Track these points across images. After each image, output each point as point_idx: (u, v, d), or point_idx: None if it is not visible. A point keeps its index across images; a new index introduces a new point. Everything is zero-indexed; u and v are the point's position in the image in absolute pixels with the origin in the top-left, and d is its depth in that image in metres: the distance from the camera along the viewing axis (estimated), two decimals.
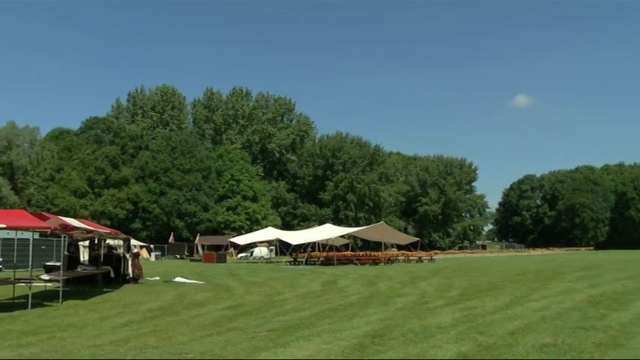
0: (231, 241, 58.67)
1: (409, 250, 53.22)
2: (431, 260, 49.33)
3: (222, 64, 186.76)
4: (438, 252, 69.92)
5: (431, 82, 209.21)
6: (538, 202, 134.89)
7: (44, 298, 16.41)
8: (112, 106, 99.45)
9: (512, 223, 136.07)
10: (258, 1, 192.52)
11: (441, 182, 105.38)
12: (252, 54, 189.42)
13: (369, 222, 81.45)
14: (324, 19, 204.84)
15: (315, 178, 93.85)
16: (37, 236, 29.96)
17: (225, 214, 78.58)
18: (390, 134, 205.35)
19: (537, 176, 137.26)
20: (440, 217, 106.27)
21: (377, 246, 60.57)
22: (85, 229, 19.53)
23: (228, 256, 55.08)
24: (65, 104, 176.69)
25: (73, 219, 20.12)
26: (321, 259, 45.51)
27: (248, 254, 61.95)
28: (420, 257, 50.33)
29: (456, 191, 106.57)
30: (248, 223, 77.85)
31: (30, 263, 20.26)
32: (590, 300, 14.95)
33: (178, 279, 24.84)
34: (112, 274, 23.55)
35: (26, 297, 14.66)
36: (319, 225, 64.14)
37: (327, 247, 50.47)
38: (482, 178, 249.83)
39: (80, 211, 65.36)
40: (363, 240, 68.77)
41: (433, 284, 21.49)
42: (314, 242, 50.82)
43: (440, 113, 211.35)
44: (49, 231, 15.64)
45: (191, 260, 57.16)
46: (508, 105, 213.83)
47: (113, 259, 24.80)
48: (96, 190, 71.92)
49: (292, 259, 48.71)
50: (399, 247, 60.99)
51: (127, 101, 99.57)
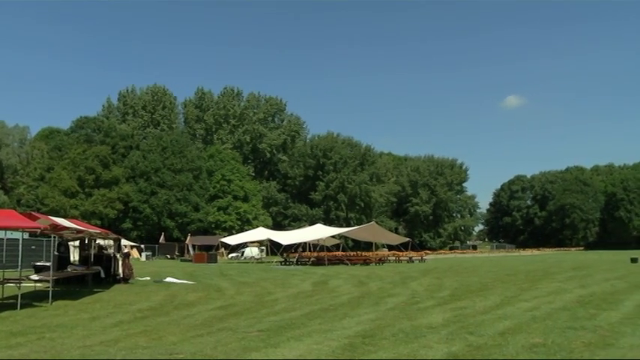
0: (222, 242, 58.64)
1: (400, 250, 53.23)
2: (421, 260, 49.41)
3: (214, 64, 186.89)
4: (428, 252, 69.97)
5: (422, 82, 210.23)
6: (528, 202, 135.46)
7: (34, 298, 16.32)
8: (103, 106, 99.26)
9: (503, 223, 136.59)
10: (249, 2, 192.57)
11: (432, 182, 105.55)
12: (244, 54, 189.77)
13: (359, 222, 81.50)
14: (315, 20, 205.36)
15: (306, 178, 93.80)
16: (26, 236, 29.83)
17: (216, 214, 78.46)
18: (381, 134, 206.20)
19: (528, 177, 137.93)
20: (431, 217, 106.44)
21: (368, 246, 60.65)
22: (75, 229, 19.46)
23: (219, 257, 54.98)
24: (56, 103, 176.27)
25: (63, 219, 20.03)
26: (312, 260, 45.50)
27: (239, 254, 61.87)
28: (410, 257, 50.36)
29: (446, 191, 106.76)
30: (239, 223, 77.74)
31: (19, 263, 20.20)
32: (579, 300, 15.02)
33: (169, 279, 24.78)
34: (103, 275, 23.41)
35: (15, 297, 14.57)
36: (310, 225, 64.17)
37: (318, 248, 50.46)
38: (473, 178, 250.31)
39: (70, 211, 65.05)
40: (354, 240, 68.78)
41: (424, 284, 21.53)
42: (305, 242, 50.84)
43: (431, 114, 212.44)
44: (39, 231, 15.55)
45: (182, 260, 57.01)
46: (499, 105, 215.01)
47: (103, 259, 24.67)
48: (86, 189, 71.60)
49: (283, 260, 48.68)
50: (390, 248, 61.08)
51: (118, 101, 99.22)
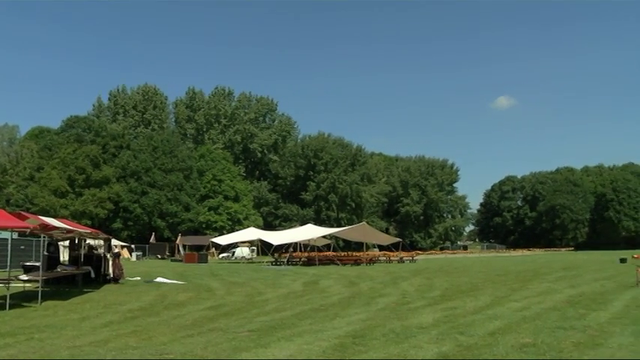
0: (212, 242, 58.57)
1: (391, 250, 53.29)
2: (412, 261, 49.49)
3: (205, 64, 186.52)
4: (419, 252, 70.08)
5: (413, 83, 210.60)
6: (519, 203, 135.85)
7: (23, 298, 16.21)
8: (93, 105, 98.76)
9: (494, 223, 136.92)
10: (241, 2, 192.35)
11: (423, 183, 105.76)
12: (235, 54, 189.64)
13: (350, 222, 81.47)
14: (306, 20, 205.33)
15: (297, 178, 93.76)
16: (15, 236, 29.63)
17: (207, 214, 78.31)
18: (372, 135, 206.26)
19: (518, 177, 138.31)
20: (421, 217, 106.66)
21: (358, 246, 60.77)
22: (65, 229, 19.37)
23: (209, 257, 54.90)
24: (46, 103, 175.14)
25: (52, 219, 19.94)
26: (302, 260, 45.54)
27: (230, 254, 61.83)
28: (401, 258, 50.42)
29: (437, 192, 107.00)
30: (230, 223, 77.64)
31: (8, 263, 20.01)
32: (569, 300, 15.10)
33: (159, 279, 24.71)
34: (93, 275, 23.30)
35: (4, 298, 14.45)
36: (301, 225, 64.15)
37: (309, 248, 50.49)
38: (463, 179, 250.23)
39: (60, 210, 64.71)
40: (344, 240, 68.79)
41: (414, 285, 21.57)
42: (296, 242, 50.78)
43: (422, 114, 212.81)
44: (28, 231, 15.45)
45: (172, 260, 56.83)
46: (490, 106, 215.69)
47: (94, 259, 24.54)
48: (76, 189, 71.25)
49: (274, 260, 48.67)
50: (381, 248, 61.14)
51: (109, 100, 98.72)
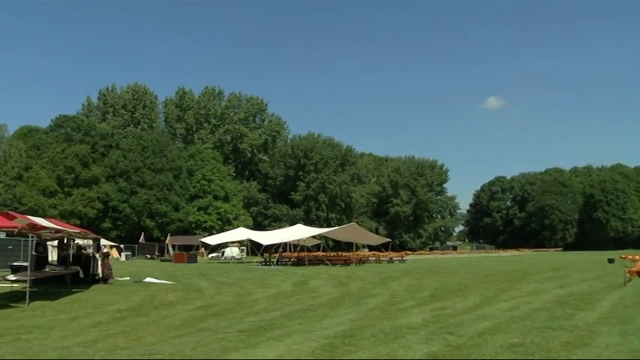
0: (202, 241, 58.43)
1: (380, 250, 53.30)
2: (402, 261, 49.55)
3: (195, 64, 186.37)
4: (409, 253, 70.08)
5: (403, 83, 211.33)
6: (508, 203, 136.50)
7: (10, 299, 16.10)
8: (83, 105, 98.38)
9: (483, 224, 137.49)
10: (231, 2, 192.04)
11: (413, 183, 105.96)
12: (225, 54, 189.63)
13: (340, 222, 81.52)
14: (296, 20, 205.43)
15: (287, 178, 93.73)
16: (3, 236, 29.49)
17: (197, 214, 78.20)
18: (362, 135, 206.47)
19: (508, 178, 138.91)
20: (411, 218, 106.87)
21: (348, 247, 60.67)
22: (53, 229, 19.24)
23: (199, 257, 54.80)
24: (34, 102, 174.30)
25: (41, 218, 19.82)
26: (292, 260, 45.49)
27: (219, 254, 61.68)
28: (390, 258, 50.49)
29: (427, 192, 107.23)
30: (219, 223, 77.56)
31: None
32: (557, 300, 15.15)
33: (148, 279, 24.62)
34: (82, 275, 23.20)
35: None
36: (290, 225, 64.06)
37: (299, 248, 50.42)
38: (453, 179, 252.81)
39: (49, 210, 64.47)
40: (334, 240, 68.74)
41: (404, 285, 21.59)
42: (285, 243, 50.72)
43: (412, 115, 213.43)
44: (16, 230, 15.34)
45: (162, 260, 56.68)
46: (479, 107, 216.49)
47: (82, 259, 24.43)
48: (65, 189, 70.96)
49: (263, 260, 48.59)
50: (371, 248, 61.11)
51: (98, 99, 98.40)
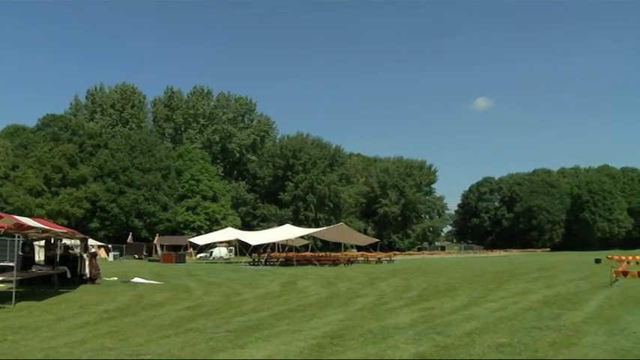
0: (190, 242, 58.32)
1: (369, 251, 53.43)
2: (390, 261, 49.61)
3: (183, 63, 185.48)
4: (397, 253, 70.30)
5: (392, 84, 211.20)
6: (496, 204, 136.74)
7: None
8: (71, 104, 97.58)
9: (471, 224, 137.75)
10: (219, 2, 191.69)
11: (401, 184, 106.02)
12: (214, 53, 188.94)
13: (328, 223, 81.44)
14: (285, 20, 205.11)
15: (276, 178, 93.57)
16: None
17: (185, 214, 77.98)
18: (350, 135, 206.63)
19: (496, 179, 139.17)
20: (399, 218, 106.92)
21: (337, 247, 60.71)
22: (40, 229, 19.14)
23: (187, 257, 54.58)
24: (21, 100, 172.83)
25: (28, 218, 19.70)
26: (280, 260, 45.46)
27: (207, 254, 61.52)
28: (379, 258, 50.56)
29: (415, 193, 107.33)
30: (208, 223, 77.36)
31: None
32: (545, 300, 15.26)
33: (136, 279, 24.55)
34: (69, 275, 23.09)
35: None
36: (279, 225, 64.04)
37: (287, 248, 50.45)
38: (441, 179, 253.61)
39: (36, 210, 63.98)
40: (322, 241, 68.75)
41: (392, 285, 21.65)
42: (274, 243, 50.75)
43: (400, 115, 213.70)
44: (3, 230, 15.20)
45: (150, 260, 56.41)
46: (468, 108, 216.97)
47: (70, 259, 24.31)
48: (53, 188, 70.51)
49: (252, 260, 48.54)
50: (359, 248, 61.36)
51: (86, 99, 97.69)
